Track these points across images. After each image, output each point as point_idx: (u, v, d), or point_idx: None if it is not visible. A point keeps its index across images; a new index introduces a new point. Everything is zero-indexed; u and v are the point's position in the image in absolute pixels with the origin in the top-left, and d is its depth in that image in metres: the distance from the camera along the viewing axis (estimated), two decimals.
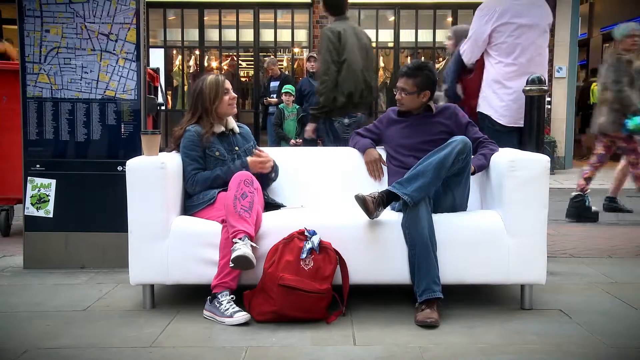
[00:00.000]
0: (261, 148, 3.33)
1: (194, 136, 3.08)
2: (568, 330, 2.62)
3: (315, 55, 7.68)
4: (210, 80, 3.15)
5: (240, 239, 2.65)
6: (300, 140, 7.61)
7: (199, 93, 3.14)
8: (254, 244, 2.69)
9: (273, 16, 10.80)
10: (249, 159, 3.13)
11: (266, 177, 3.22)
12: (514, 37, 3.64)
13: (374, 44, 10.94)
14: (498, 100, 3.69)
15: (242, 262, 2.60)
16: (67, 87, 3.59)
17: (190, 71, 11.31)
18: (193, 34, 11.02)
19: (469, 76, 3.85)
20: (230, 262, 2.63)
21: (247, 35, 10.89)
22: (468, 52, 3.81)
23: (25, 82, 3.58)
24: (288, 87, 7.77)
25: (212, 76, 3.19)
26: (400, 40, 10.91)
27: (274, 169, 3.25)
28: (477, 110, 3.80)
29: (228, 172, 3.01)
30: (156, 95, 5.20)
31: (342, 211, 2.98)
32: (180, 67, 11.30)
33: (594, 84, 9.80)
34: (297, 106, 7.74)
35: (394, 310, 2.86)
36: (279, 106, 7.84)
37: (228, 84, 3.20)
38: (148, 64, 5.76)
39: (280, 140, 7.70)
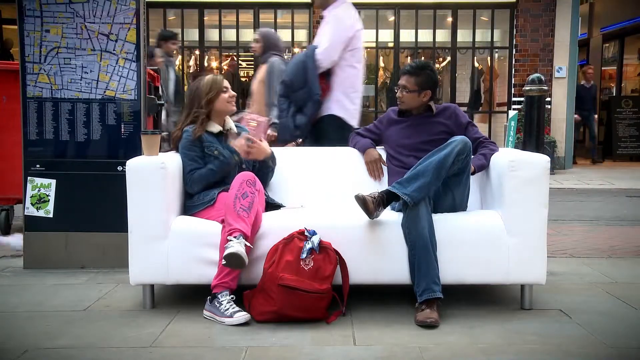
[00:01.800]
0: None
1: (191, 136, 3.08)
2: (568, 330, 2.62)
3: None
4: (207, 79, 3.16)
5: (235, 237, 2.65)
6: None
7: (195, 93, 3.14)
8: (248, 244, 2.69)
9: (273, 16, 10.80)
10: (233, 142, 3.10)
11: (265, 166, 3.20)
12: (361, 42, 3.89)
13: (373, 44, 10.98)
14: (350, 103, 3.86)
15: (234, 260, 2.60)
16: (67, 87, 3.59)
17: (190, 71, 11.31)
18: (193, 34, 11.02)
19: (325, 80, 3.86)
20: (223, 259, 2.63)
21: (247, 35, 10.87)
22: (331, 57, 3.79)
23: (25, 82, 3.58)
24: None
25: (209, 76, 3.19)
26: (400, 40, 10.91)
27: (272, 157, 3.22)
28: (327, 113, 3.86)
29: (220, 165, 3.02)
30: (157, 95, 5.20)
31: (342, 211, 2.98)
32: (180, 67, 11.30)
33: None
34: None
35: (394, 310, 2.86)
36: None
37: (226, 83, 3.20)
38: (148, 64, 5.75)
39: None
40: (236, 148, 3.07)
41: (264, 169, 3.20)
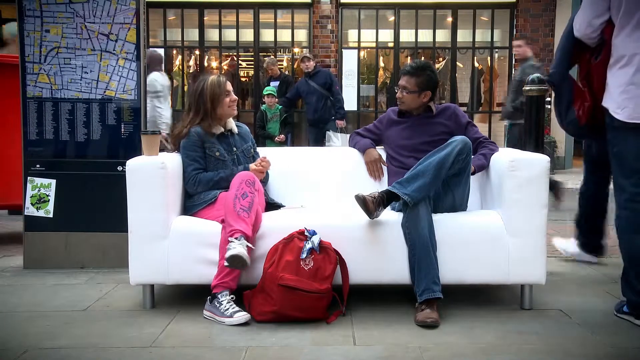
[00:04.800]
0: (259, 149, 3.34)
1: (194, 137, 3.08)
2: (568, 330, 2.62)
3: (308, 55, 7.69)
4: (211, 81, 3.13)
5: (236, 238, 2.65)
6: (283, 137, 7.68)
7: (200, 93, 3.12)
8: (250, 244, 2.69)
9: (273, 16, 10.80)
10: (251, 166, 3.12)
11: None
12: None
13: (373, 44, 10.97)
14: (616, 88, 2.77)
15: (236, 262, 2.60)
16: (67, 87, 3.59)
17: (190, 71, 11.31)
18: (193, 34, 11.02)
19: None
20: (225, 261, 2.63)
21: (247, 35, 10.89)
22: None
23: (25, 82, 3.58)
24: (269, 89, 7.86)
25: (214, 77, 3.17)
26: (400, 40, 10.90)
27: (265, 176, 3.27)
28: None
29: (231, 177, 3.00)
30: None
31: (342, 211, 2.98)
32: (180, 67, 11.30)
33: None
34: (280, 107, 7.81)
35: (394, 310, 2.86)
36: (262, 108, 7.90)
37: (229, 86, 3.19)
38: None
39: (265, 140, 7.77)
40: (254, 172, 3.05)
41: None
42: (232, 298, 2.74)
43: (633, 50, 2.64)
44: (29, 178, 3.62)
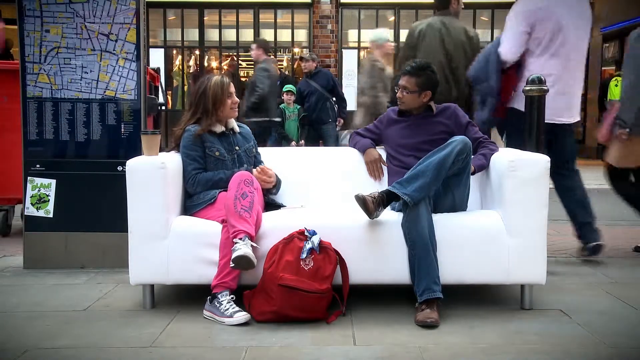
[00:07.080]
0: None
1: (193, 136, 3.08)
2: (568, 330, 2.62)
3: (306, 56, 7.69)
4: (215, 81, 3.13)
5: (240, 239, 2.65)
6: (302, 142, 7.60)
7: (202, 93, 3.12)
8: (255, 244, 2.69)
9: (273, 16, 10.81)
10: (254, 171, 3.12)
11: (266, 191, 3.19)
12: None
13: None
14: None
15: (243, 263, 2.60)
16: (67, 87, 3.59)
17: (190, 71, 11.33)
18: (193, 34, 11.04)
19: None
20: (231, 262, 2.63)
21: (247, 35, 10.90)
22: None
23: (25, 82, 3.58)
24: (289, 87, 7.62)
25: (218, 77, 3.16)
26: (401, 40, 10.91)
27: (277, 185, 3.24)
28: (509, 106, 3.83)
29: (231, 177, 2.99)
30: (157, 95, 5.20)
31: (342, 211, 2.98)
32: (180, 67, 11.32)
33: (614, 79, 9.63)
34: (298, 106, 7.71)
35: (394, 310, 2.86)
36: (280, 106, 7.78)
37: (232, 87, 3.18)
38: (148, 64, 5.77)
39: (282, 140, 7.67)
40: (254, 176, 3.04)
41: (264, 192, 3.18)
42: (232, 298, 2.74)
43: (548, 71, 3.62)
44: (29, 178, 3.62)
